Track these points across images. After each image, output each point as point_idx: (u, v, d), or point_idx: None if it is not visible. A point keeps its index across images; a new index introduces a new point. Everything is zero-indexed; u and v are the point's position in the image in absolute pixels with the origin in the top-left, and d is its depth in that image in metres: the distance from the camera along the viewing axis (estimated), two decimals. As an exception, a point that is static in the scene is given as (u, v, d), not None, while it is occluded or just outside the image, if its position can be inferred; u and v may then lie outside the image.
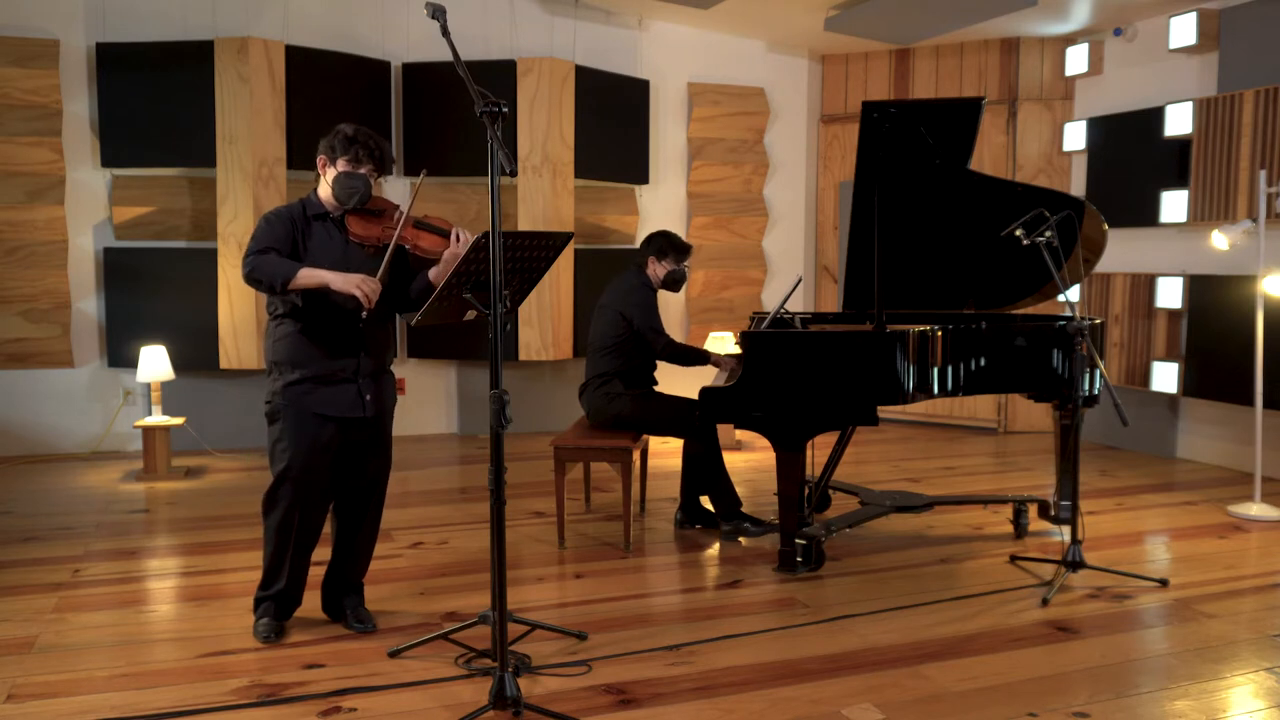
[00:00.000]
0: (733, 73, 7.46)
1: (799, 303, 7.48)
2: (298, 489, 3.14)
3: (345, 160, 3.09)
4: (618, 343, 4.40)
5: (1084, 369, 3.96)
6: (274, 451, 3.16)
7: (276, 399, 3.14)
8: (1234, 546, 4.37)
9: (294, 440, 3.12)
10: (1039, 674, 3.01)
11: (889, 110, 4.07)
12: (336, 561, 3.38)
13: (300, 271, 2.98)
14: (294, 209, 3.15)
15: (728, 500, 4.46)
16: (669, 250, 4.51)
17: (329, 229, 3.16)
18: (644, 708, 2.78)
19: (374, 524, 3.39)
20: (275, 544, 3.21)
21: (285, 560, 3.23)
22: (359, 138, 3.09)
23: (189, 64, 5.94)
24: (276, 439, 3.15)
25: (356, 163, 3.09)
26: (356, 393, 3.17)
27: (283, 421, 3.13)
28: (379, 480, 3.35)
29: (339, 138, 3.10)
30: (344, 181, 3.09)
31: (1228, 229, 4.99)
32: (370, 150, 3.09)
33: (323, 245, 3.13)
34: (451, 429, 7.01)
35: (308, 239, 3.12)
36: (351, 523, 3.34)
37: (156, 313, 6.10)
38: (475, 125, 2.72)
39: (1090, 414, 5.69)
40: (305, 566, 3.29)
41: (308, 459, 3.12)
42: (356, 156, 3.08)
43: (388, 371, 3.33)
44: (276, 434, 3.15)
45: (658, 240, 4.53)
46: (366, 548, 3.40)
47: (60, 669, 3.02)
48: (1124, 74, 6.57)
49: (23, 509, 4.92)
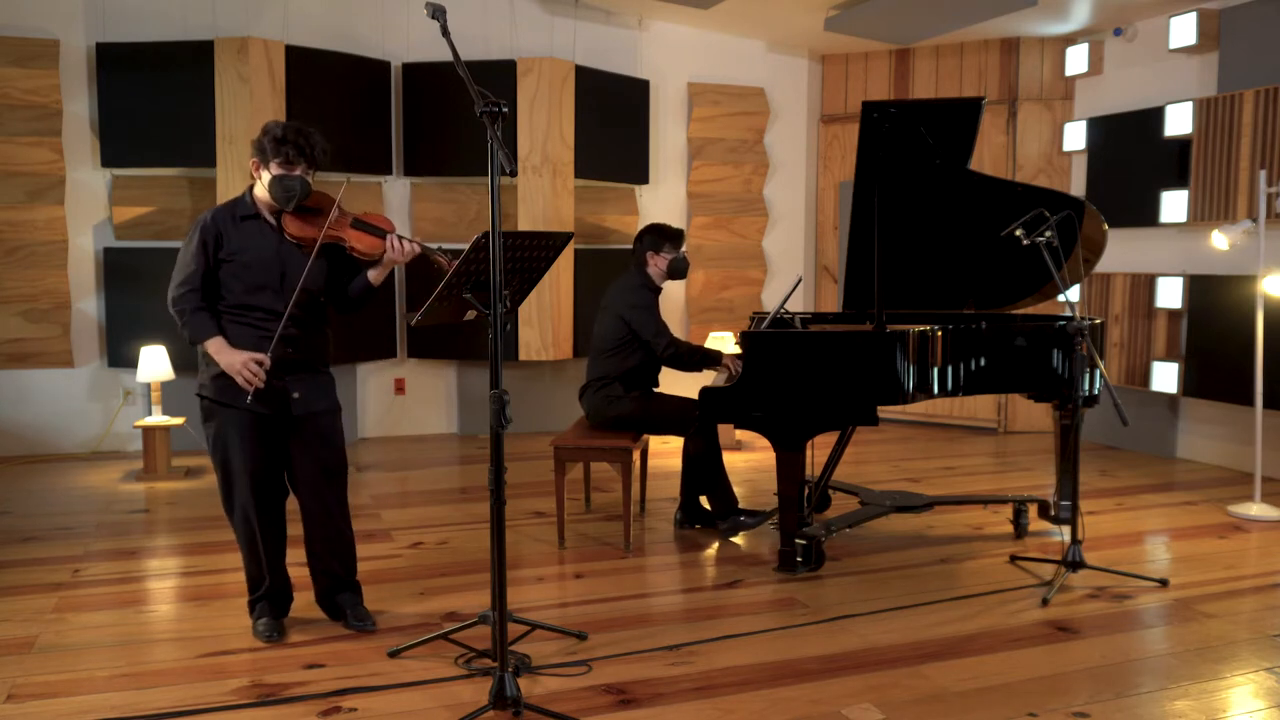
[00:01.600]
0: (733, 73, 7.46)
1: (799, 303, 7.48)
2: (244, 484, 3.15)
3: (277, 163, 3.05)
4: (618, 345, 4.39)
5: (1084, 369, 3.96)
6: (213, 453, 3.19)
7: (205, 390, 3.15)
8: (1234, 546, 4.37)
9: (227, 436, 3.14)
10: (1039, 674, 3.01)
11: (889, 110, 4.07)
12: (312, 557, 3.36)
13: (207, 343, 3.08)
14: (220, 216, 3.13)
15: (724, 500, 4.46)
16: (662, 241, 4.47)
17: (262, 228, 3.15)
18: (644, 708, 2.78)
19: (342, 518, 3.34)
20: (245, 544, 3.24)
21: (259, 559, 3.24)
22: (288, 137, 3.04)
23: (189, 64, 5.93)
24: (213, 438, 3.17)
25: (289, 164, 3.05)
26: (284, 389, 3.15)
27: (215, 419, 3.15)
28: (330, 475, 3.29)
29: (269, 139, 3.05)
30: (279, 184, 3.07)
31: (1228, 229, 4.99)
32: (301, 149, 3.05)
33: (255, 245, 3.12)
34: (451, 429, 7.01)
35: (236, 241, 3.10)
36: (315, 516, 3.30)
37: (156, 313, 6.05)
38: (475, 125, 2.72)
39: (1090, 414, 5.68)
40: (280, 560, 3.29)
41: (244, 451, 3.13)
42: (288, 158, 3.04)
43: (322, 371, 3.28)
44: (211, 432, 3.17)
45: (648, 235, 4.48)
46: (340, 540, 3.35)
47: (60, 669, 3.02)
48: (1124, 74, 6.57)
49: (23, 509, 4.92)
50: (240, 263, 3.10)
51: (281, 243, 3.14)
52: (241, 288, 3.12)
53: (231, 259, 3.10)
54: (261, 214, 3.16)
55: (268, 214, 3.17)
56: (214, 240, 3.10)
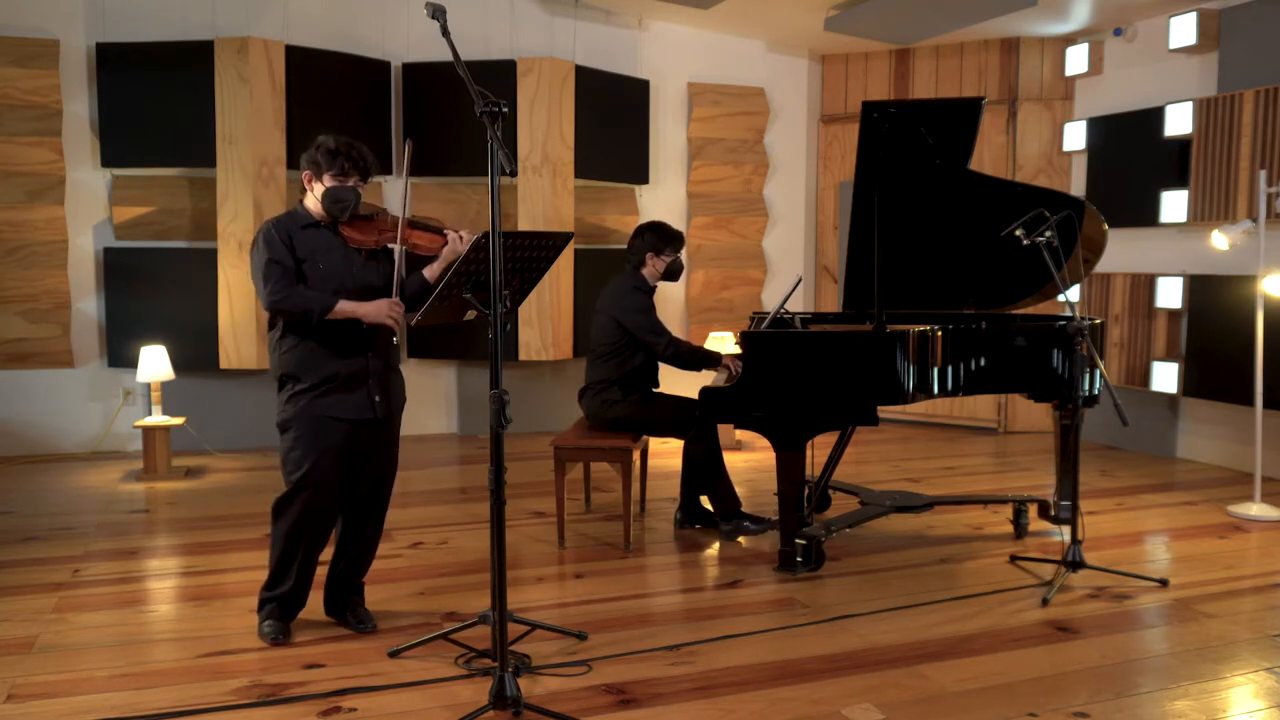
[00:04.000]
0: (733, 73, 7.46)
1: (799, 303, 7.48)
2: (312, 496, 3.14)
3: (331, 175, 3.10)
4: (615, 348, 4.38)
5: (1084, 369, 3.95)
6: (287, 459, 3.15)
7: (288, 408, 3.14)
8: (1234, 546, 4.37)
9: (308, 447, 3.11)
10: (1039, 674, 3.01)
11: (889, 110, 4.07)
12: (341, 563, 3.38)
13: (339, 305, 3.05)
14: (281, 224, 3.14)
15: (727, 500, 4.46)
16: (664, 244, 4.45)
17: (324, 235, 3.18)
18: (644, 708, 2.78)
19: (378, 525, 3.39)
20: (284, 548, 3.20)
21: (294, 565, 3.22)
22: (342, 149, 3.11)
23: (189, 64, 5.93)
24: (290, 447, 3.14)
25: (343, 175, 3.11)
26: (367, 394, 3.18)
27: (295, 429, 3.12)
28: (385, 482, 3.34)
29: (322, 151, 3.11)
30: (334, 195, 3.11)
31: (1228, 229, 4.99)
32: (355, 161, 3.12)
33: (325, 251, 3.15)
34: (451, 429, 7.01)
35: (305, 247, 3.13)
36: (358, 525, 3.34)
37: (156, 313, 6.10)
38: (475, 125, 2.72)
39: (1090, 414, 5.69)
40: (312, 569, 3.29)
41: (323, 465, 3.12)
42: (342, 169, 3.10)
43: (396, 371, 3.32)
44: (289, 442, 3.14)
45: (650, 235, 4.45)
46: (370, 549, 3.40)
47: (60, 669, 3.02)
48: (1124, 74, 6.57)
49: (23, 509, 4.92)
50: (313, 265, 3.12)
51: (346, 248, 3.18)
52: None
53: (304, 263, 3.12)
54: (320, 222, 3.18)
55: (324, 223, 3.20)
56: (287, 242, 3.10)
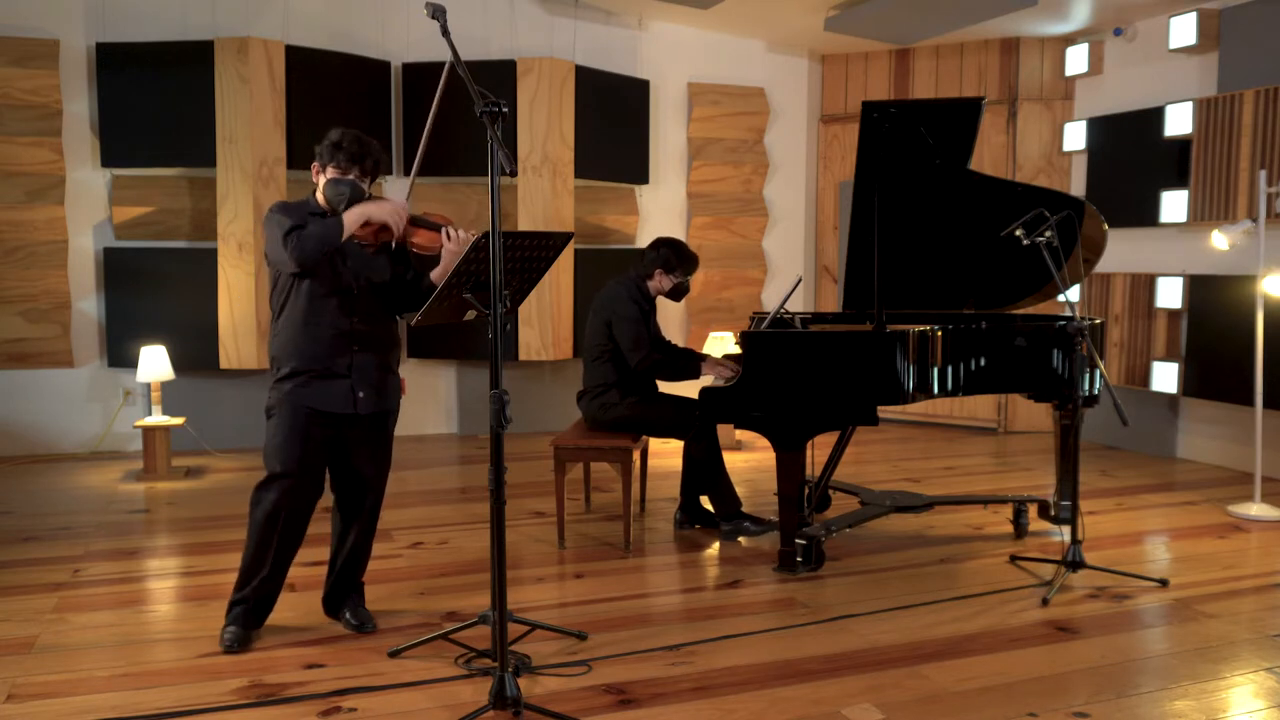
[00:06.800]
0: (733, 73, 7.46)
1: (799, 303, 7.48)
2: (289, 485, 3.13)
3: (332, 166, 3.14)
4: (609, 351, 4.37)
5: (1084, 369, 3.96)
6: (268, 447, 3.17)
7: (273, 394, 3.17)
8: (1234, 546, 4.37)
9: (287, 435, 3.12)
10: (1039, 674, 3.01)
11: (889, 110, 4.07)
12: (337, 562, 3.38)
13: (346, 220, 3.04)
14: (295, 206, 3.18)
15: (728, 500, 4.46)
16: (678, 264, 4.41)
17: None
18: (644, 708, 2.78)
19: (371, 525, 3.39)
20: (258, 539, 3.18)
21: (266, 558, 3.18)
22: (343, 143, 3.13)
23: (189, 64, 5.94)
24: (272, 434, 3.16)
25: (342, 168, 3.14)
26: (349, 389, 3.17)
27: (277, 416, 3.15)
28: (377, 480, 3.34)
29: (326, 144, 3.16)
30: (332, 187, 3.14)
31: (1228, 229, 4.99)
32: (353, 155, 3.13)
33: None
34: (451, 429, 7.01)
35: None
36: (351, 522, 3.34)
37: (156, 313, 6.10)
38: (475, 125, 2.72)
39: (1090, 414, 5.69)
40: (284, 568, 3.24)
41: (300, 454, 3.12)
42: (343, 162, 3.13)
43: (391, 371, 3.31)
44: (271, 429, 3.17)
45: (666, 252, 4.40)
46: (365, 548, 3.40)
47: (60, 669, 3.02)
48: (1124, 74, 6.57)
49: (23, 509, 4.92)
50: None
51: (348, 241, 3.16)
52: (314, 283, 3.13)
53: None
54: (325, 214, 3.18)
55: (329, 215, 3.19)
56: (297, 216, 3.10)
